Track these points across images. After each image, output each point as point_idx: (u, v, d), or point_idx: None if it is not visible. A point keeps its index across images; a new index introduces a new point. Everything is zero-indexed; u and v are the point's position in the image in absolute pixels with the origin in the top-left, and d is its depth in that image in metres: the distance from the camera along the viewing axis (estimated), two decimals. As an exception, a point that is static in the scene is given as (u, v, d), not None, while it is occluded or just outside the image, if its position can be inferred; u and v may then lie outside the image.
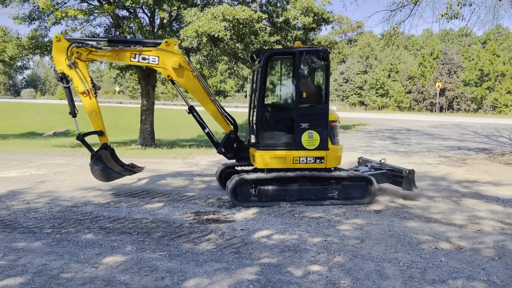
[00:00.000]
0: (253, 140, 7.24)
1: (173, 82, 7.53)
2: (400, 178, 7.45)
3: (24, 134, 31.85)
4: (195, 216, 6.28)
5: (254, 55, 7.84)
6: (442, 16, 13.02)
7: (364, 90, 60.65)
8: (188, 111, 7.65)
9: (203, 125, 7.66)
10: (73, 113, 7.23)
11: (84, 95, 7.15)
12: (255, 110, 7.17)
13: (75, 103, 7.29)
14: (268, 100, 7.42)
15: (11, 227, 5.67)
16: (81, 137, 7.23)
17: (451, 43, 64.55)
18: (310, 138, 6.92)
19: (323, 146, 6.94)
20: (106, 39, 7.81)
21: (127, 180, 8.84)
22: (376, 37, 71.39)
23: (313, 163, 6.96)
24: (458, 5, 12.80)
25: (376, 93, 59.02)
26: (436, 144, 16.71)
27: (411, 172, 7.33)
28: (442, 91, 53.27)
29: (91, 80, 7.25)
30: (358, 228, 5.72)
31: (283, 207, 6.70)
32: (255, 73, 7.49)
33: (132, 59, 7.23)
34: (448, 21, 13.38)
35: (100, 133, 7.36)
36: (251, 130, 7.47)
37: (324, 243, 5.12)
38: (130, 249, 4.88)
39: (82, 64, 7.17)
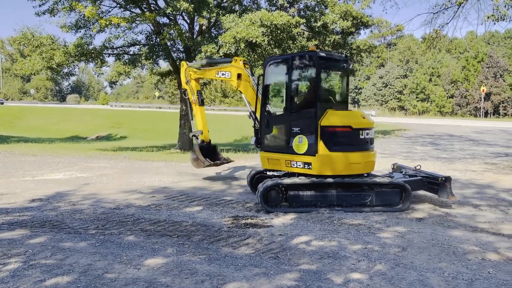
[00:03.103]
0: (253, 142, 8.00)
1: (240, 91, 8.87)
2: (436, 185, 7.21)
3: (69, 138, 33.19)
4: (233, 220, 6.32)
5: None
6: (488, 17, 12.54)
7: (404, 94, 59.27)
8: (249, 115, 8.59)
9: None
10: (191, 116, 9.81)
11: (193, 103, 9.60)
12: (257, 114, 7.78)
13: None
14: (269, 105, 7.76)
15: (59, 228, 5.91)
16: (192, 134, 9.84)
17: (496, 46, 62.08)
18: (300, 142, 6.97)
19: (311, 151, 6.84)
20: (205, 62, 9.98)
21: (171, 183, 9.05)
22: (416, 40, 69.70)
23: (301, 168, 6.96)
24: (505, 6, 12.30)
25: (417, 97, 57.53)
26: (481, 150, 16.05)
27: (448, 179, 7.08)
28: (488, 96, 51.32)
29: (198, 93, 9.59)
30: (400, 236, 5.57)
31: (322, 213, 6.63)
32: None
33: (216, 75, 9.10)
34: (494, 23, 12.91)
35: (200, 132, 9.59)
36: (255, 133, 8.01)
37: (364, 250, 5.02)
38: (171, 251, 4.97)
39: (193, 81, 9.51)
